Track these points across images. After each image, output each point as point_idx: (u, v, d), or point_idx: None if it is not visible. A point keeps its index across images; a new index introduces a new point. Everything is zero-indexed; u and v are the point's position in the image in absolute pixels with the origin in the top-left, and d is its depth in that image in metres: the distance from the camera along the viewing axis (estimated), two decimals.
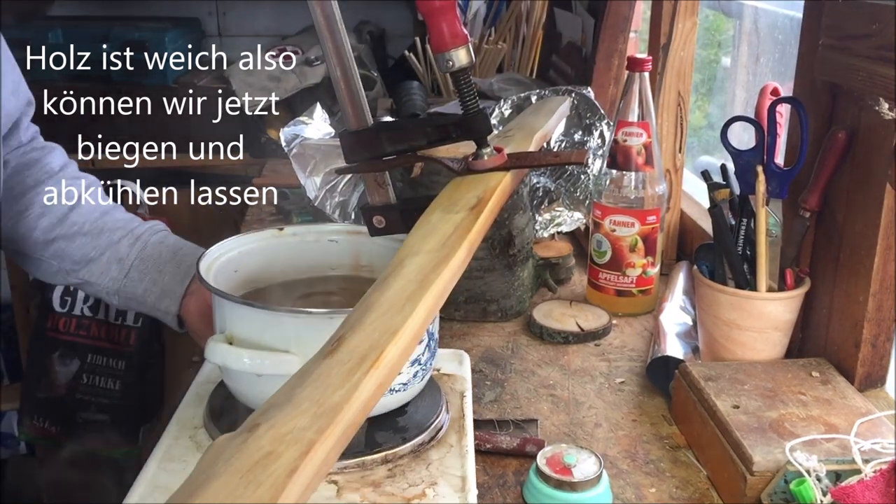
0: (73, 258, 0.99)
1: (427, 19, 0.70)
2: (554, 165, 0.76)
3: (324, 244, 0.90)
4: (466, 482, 0.72)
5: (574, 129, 1.33)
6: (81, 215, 0.99)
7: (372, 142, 0.74)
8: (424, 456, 0.76)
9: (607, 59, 1.53)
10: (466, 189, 0.72)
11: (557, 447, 0.82)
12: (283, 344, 0.73)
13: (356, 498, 0.71)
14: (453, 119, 0.73)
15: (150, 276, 0.99)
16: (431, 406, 0.81)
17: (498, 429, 0.90)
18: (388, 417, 0.78)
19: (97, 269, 0.99)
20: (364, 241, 0.89)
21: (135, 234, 1.00)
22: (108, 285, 0.99)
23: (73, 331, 2.10)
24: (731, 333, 0.97)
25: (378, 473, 0.73)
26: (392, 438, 0.76)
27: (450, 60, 0.71)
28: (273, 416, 0.50)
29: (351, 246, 0.90)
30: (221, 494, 0.45)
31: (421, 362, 0.78)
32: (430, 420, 0.79)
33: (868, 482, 0.72)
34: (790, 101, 0.95)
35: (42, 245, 0.99)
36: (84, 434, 2.07)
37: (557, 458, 0.80)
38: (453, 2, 0.70)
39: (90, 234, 0.99)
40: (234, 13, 2.70)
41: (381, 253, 0.88)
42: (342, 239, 0.90)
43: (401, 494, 0.71)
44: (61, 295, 2.08)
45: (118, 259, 0.99)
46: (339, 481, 0.73)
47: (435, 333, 0.80)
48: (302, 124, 1.33)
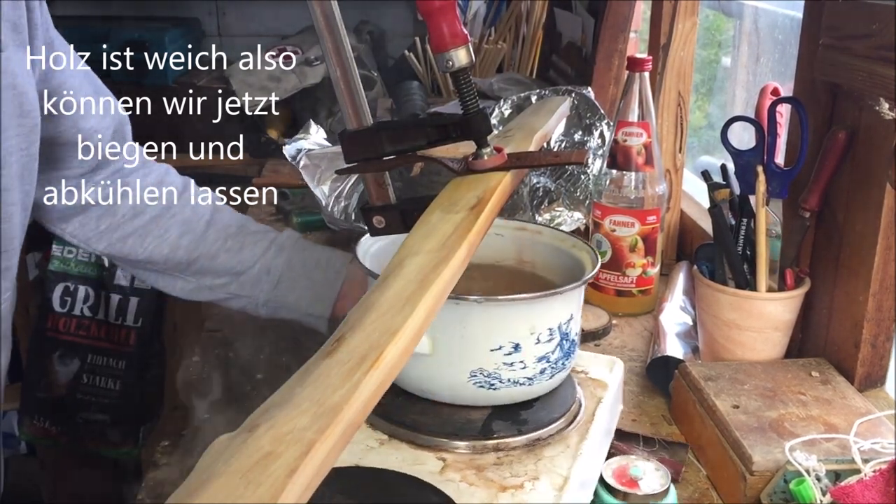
0: (217, 273, 1.02)
1: (427, 19, 0.70)
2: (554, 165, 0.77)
3: (490, 237, 0.91)
4: (568, 483, 0.71)
5: (574, 129, 1.33)
6: (219, 230, 1.02)
7: (372, 142, 0.74)
8: (538, 451, 0.75)
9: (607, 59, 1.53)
10: (466, 189, 0.72)
11: (623, 458, 0.80)
12: None
13: (456, 477, 0.72)
14: (453, 119, 0.73)
15: (301, 284, 1.02)
16: (559, 405, 0.81)
17: (642, 444, 0.89)
18: (512, 409, 0.79)
19: (247, 282, 1.02)
20: (526, 237, 0.91)
21: (277, 244, 1.03)
22: (259, 297, 1.02)
23: (73, 331, 2.09)
24: (731, 333, 0.97)
25: (486, 459, 0.74)
26: (508, 429, 0.77)
27: (449, 60, 0.71)
28: (273, 417, 0.50)
29: (515, 242, 0.92)
30: (221, 494, 0.45)
31: (550, 360, 0.78)
32: (553, 418, 0.79)
33: (867, 482, 0.72)
34: (790, 101, 0.95)
35: (185, 264, 1.01)
36: (84, 434, 2.07)
37: (623, 469, 0.78)
38: (453, 2, 0.70)
39: (231, 250, 1.02)
40: (234, 13, 2.70)
41: (543, 251, 0.90)
42: (507, 234, 0.92)
43: (499, 482, 0.71)
44: (61, 295, 2.08)
45: (267, 271, 1.02)
46: (447, 459, 0.74)
47: (570, 334, 0.79)
48: (301, 140, 1.35)
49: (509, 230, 0.93)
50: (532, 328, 0.76)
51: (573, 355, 0.82)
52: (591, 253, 0.84)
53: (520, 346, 0.76)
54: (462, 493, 0.70)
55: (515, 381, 0.77)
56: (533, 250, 0.91)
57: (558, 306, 0.77)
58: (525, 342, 0.76)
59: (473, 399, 0.78)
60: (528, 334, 0.76)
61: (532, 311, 0.76)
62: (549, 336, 0.77)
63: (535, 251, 0.91)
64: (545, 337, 0.77)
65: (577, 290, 0.79)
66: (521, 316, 0.76)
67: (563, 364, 0.80)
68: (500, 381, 0.76)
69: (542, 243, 0.90)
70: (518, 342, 0.76)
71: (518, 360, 0.76)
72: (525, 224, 0.93)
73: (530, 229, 0.92)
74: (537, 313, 0.76)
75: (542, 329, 0.76)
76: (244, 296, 1.03)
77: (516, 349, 0.76)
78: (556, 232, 0.91)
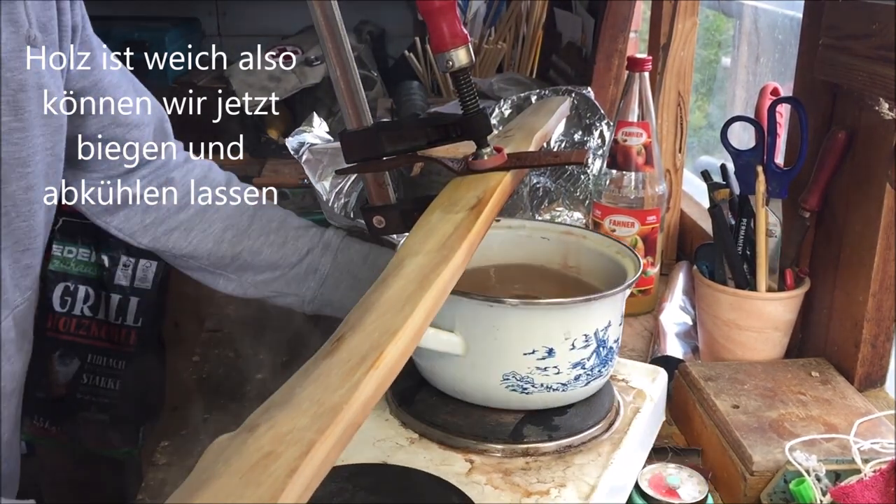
0: (258, 269, 1.02)
1: (427, 19, 0.70)
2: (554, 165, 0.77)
3: (536, 240, 0.92)
4: (595, 491, 0.70)
5: (574, 129, 1.33)
6: (262, 225, 1.02)
7: (371, 141, 0.74)
8: (568, 458, 0.75)
9: (607, 59, 1.52)
10: (466, 189, 0.72)
11: (655, 467, 0.78)
12: (448, 323, 0.76)
13: (482, 480, 0.71)
14: (453, 119, 0.73)
15: (346, 282, 1.02)
16: (594, 413, 0.80)
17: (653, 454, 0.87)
18: (546, 414, 0.78)
19: (294, 279, 1.02)
20: (572, 241, 0.91)
21: (323, 242, 1.03)
22: (306, 294, 1.03)
23: (73, 331, 2.09)
24: (731, 333, 0.97)
25: (514, 464, 0.74)
26: (539, 434, 0.76)
27: (450, 60, 0.70)
28: (273, 416, 0.50)
29: (561, 245, 0.92)
30: (221, 494, 0.45)
31: (585, 367, 0.77)
32: (586, 426, 0.78)
33: (867, 482, 0.72)
34: (790, 101, 0.95)
35: (228, 259, 1.02)
36: (84, 434, 2.07)
37: (659, 479, 0.77)
38: (453, 2, 0.70)
39: (275, 245, 1.02)
40: (234, 13, 2.70)
41: (588, 256, 0.89)
42: (553, 238, 0.92)
43: (525, 487, 0.71)
44: (61, 295, 2.08)
45: (314, 269, 1.02)
46: (475, 461, 0.74)
47: (608, 341, 0.78)
48: (303, 133, 1.34)
49: (555, 234, 0.92)
50: (567, 333, 0.75)
51: (611, 363, 0.80)
52: (634, 259, 0.83)
53: (554, 351, 0.75)
54: (486, 495, 0.69)
55: (549, 386, 0.76)
56: (578, 255, 0.90)
57: (595, 312, 0.76)
58: (559, 347, 0.75)
59: (506, 402, 0.77)
60: (563, 339, 0.75)
61: (567, 316, 0.75)
62: (585, 342, 0.76)
63: (579, 256, 0.90)
64: (580, 343, 0.76)
65: (615, 296, 0.77)
66: (556, 320, 0.75)
67: (599, 371, 0.78)
68: (532, 385, 0.76)
69: (587, 248, 0.90)
70: (552, 347, 0.75)
71: (552, 365, 0.75)
72: (571, 228, 0.92)
73: (576, 234, 0.91)
74: (572, 318, 0.75)
75: (577, 335, 0.75)
76: (291, 294, 1.03)
77: (550, 354, 0.75)
78: (601, 237, 0.90)
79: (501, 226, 0.93)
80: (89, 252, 2.09)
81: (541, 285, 0.90)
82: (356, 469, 0.71)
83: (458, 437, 0.76)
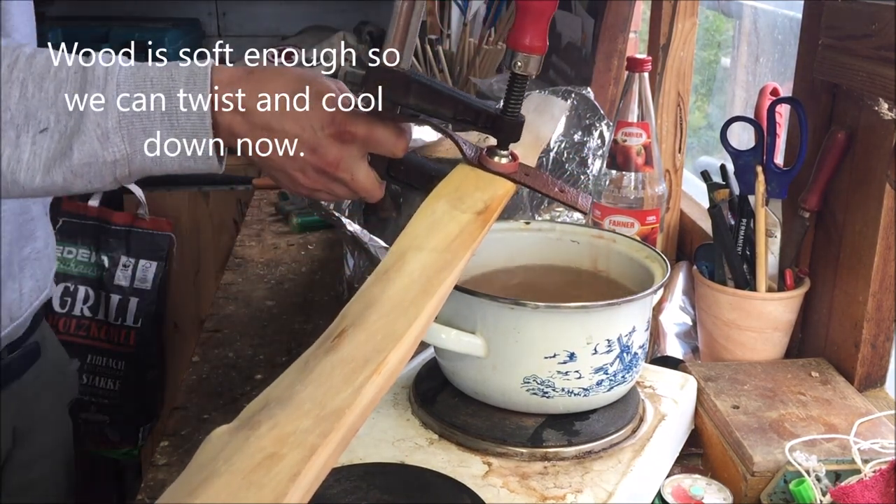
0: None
1: (522, 13, 0.68)
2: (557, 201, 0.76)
3: (566, 243, 0.92)
4: (612, 497, 0.70)
5: (574, 129, 1.33)
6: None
7: (399, 85, 0.69)
8: (587, 464, 0.74)
9: (607, 59, 1.53)
10: (475, 186, 0.71)
11: (678, 476, 0.78)
12: (470, 325, 0.76)
13: (498, 482, 0.71)
14: (488, 110, 0.71)
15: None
16: (617, 419, 0.79)
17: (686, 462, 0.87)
18: (567, 419, 0.77)
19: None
20: (602, 244, 0.91)
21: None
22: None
23: (73, 331, 2.09)
24: (730, 333, 0.97)
25: (533, 468, 0.73)
26: (559, 439, 0.76)
27: (520, 62, 0.69)
28: (275, 415, 0.49)
29: (590, 249, 0.91)
30: (223, 495, 0.45)
31: (608, 372, 0.76)
32: (608, 432, 0.77)
33: (867, 482, 0.72)
34: (790, 101, 0.95)
35: None
36: (84, 434, 2.07)
37: (681, 489, 0.76)
38: (553, 10, 0.68)
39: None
40: (234, 13, 2.70)
41: (617, 260, 0.89)
42: (584, 241, 0.92)
43: (541, 492, 0.70)
44: (61, 295, 2.08)
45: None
46: (493, 464, 0.73)
47: (632, 347, 0.78)
48: None
49: (585, 237, 0.92)
50: (589, 338, 0.74)
51: (636, 369, 0.79)
52: (662, 264, 0.82)
53: (575, 356, 0.74)
54: (501, 498, 0.69)
55: (570, 390, 0.75)
56: (608, 258, 0.90)
57: (618, 317, 0.76)
58: (581, 352, 0.74)
59: (526, 405, 0.77)
60: (585, 344, 0.74)
61: (589, 320, 0.75)
62: (608, 347, 0.75)
63: (609, 259, 0.90)
64: (603, 348, 0.75)
65: (640, 301, 0.77)
66: (578, 325, 0.74)
67: (623, 377, 0.78)
68: (553, 389, 0.75)
69: (617, 252, 0.89)
70: (573, 351, 0.74)
71: (573, 369, 0.75)
72: (601, 232, 0.92)
73: (606, 237, 0.91)
74: (595, 323, 0.75)
75: (599, 339, 0.75)
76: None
77: (571, 358, 0.74)
78: (631, 241, 0.90)
79: (531, 228, 0.93)
80: (89, 252, 2.09)
81: (573, 289, 0.89)
82: (371, 468, 0.71)
83: (477, 440, 0.75)
